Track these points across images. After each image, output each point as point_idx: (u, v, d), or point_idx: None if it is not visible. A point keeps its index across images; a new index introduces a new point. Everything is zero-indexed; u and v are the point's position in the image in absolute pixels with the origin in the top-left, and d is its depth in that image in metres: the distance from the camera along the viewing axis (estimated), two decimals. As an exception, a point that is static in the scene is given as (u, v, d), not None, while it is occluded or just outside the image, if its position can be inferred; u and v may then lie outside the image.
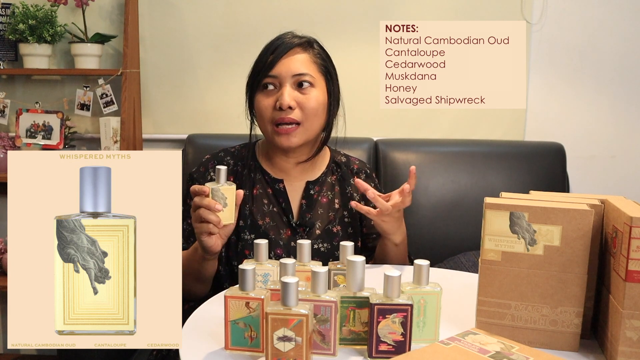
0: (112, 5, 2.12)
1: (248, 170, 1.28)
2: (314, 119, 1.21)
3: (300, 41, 1.22)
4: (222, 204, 1.02)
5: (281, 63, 1.19)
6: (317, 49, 1.26)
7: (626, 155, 2.17)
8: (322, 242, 1.25)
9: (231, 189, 1.03)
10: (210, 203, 1.01)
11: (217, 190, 1.02)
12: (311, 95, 1.20)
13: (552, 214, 0.81)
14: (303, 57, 1.21)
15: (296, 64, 1.20)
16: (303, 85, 1.20)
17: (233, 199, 1.04)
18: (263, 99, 1.21)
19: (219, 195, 1.02)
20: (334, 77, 1.27)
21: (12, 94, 2.14)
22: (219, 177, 1.02)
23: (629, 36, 2.09)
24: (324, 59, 1.25)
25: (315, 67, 1.22)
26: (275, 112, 1.19)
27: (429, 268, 0.84)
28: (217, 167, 1.02)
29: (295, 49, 1.21)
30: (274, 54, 1.20)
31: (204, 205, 1.01)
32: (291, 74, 1.19)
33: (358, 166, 1.38)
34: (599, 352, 0.84)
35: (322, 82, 1.23)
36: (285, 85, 1.19)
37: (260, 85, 1.21)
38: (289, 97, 1.18)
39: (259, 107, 1.21)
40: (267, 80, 1.20)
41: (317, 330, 0.78)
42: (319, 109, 1.22)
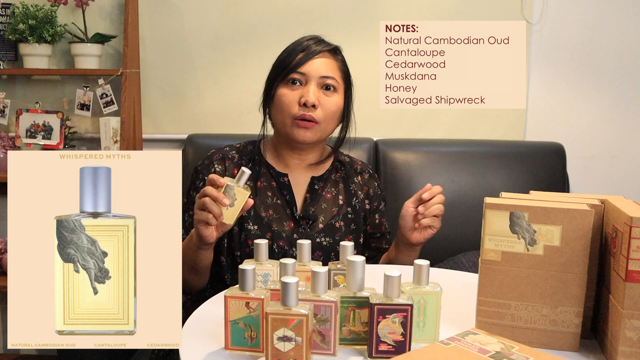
0: (112, 5, 2.12)
1: (253, 164, 1.30)
2: (330, 122, 1.26)
3: (329, 47, 1.27)
4: (230, 202, 1.03)
5: (311, 63, 1.23)
6: (341, 57, 1.31)
7: (626, 155, 2.17)
8: (325, 236, 1.26)
9: (244, 193, 1.04)
10: (219, 195, 1.02)
11: (232, 188, 1.03)
12: (333, 98, 1.25)
13: (552, 214, 0.81)
14: (330, 62, 1.26)
15: (324, 66, 1.24)
16: (327, 88, 1.24)
17: (242, 203, 1.04)
18: (288, 92, 1.24)
19: (231, 194, 1.03)
20: (352, 86, 1.32)
21: (12, 94, 2.14)
22: (240, 177, 1.03)
23: (629, 36, 2.09)
24: (346, 68, 1.31)
25: (340, 73, 1.27)
26: (299, 107, 1.22)
27: (429, 268, 0.84)
28: (242, 169, 1.03)
29: (325, 53, 1.26)
30: (305, 53, 1.24)
31: (213, 196, 1.02)
32: (319, 75, 1.23)
33: (361, 166, 1.40)
34: (599, 352, 0.84)
35: (343, 89, 1.28)
36: (311, 84, 1.23)
37: (286, 80, 1.24)
38: (314, 95, 1.21)
39: (282, 100, 1.24)
40: (295, 76, 1.23)
41: (317, 330, 0.78)
42: (337, 114, 1.27)
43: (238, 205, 1.04)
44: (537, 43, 2.10)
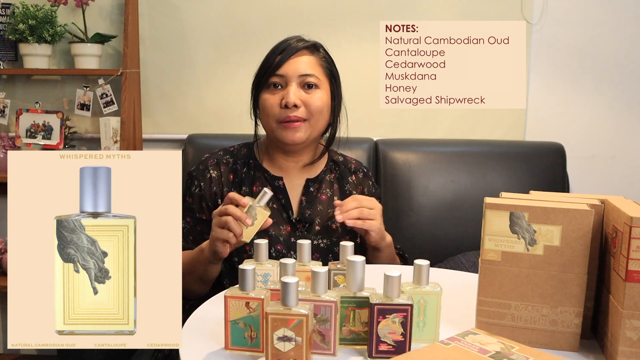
0: (112, 5, 2.12)
1: (247, 168, 1.29)
2: (319, 117, 1.24)
3: (306, 44, 1.26)
4: (251, 222, 1.05)
5: (288, 63, 1.22)
6: (323, 53, 1.29)
7: (626, 155, 2.17)
8: (322, 238, 1.26)
9: (265, 213, 1.06)
10: (242, 216, 1.04)
11: (254, 209, 1.05)
12: (316, 95, 1.23)
13: (552, 214, 0.81)
14: (309, 59, 1.25)
15: (302, 65, 1.23)
16: (308, 86, 1.23)
17: (261, 223, 1.07)
18: (269, 97, 1.23)
19: (252, 214, 1.05)
20: (338, 81, 1.30)
21: (12, 94, 2.14)
22: (262, 198, 1.06)
23: (629, 36, 2.09)
24: (329, 63, 1.28)
25: (321, 69, 1.26)
26: (281, 110, 1.22)
27: (429, 268, 0.84)
28: (265, 190, 1.06)
29: (302, 51, 1.24)
30: (282, 55, 1.23)
31: (236, 216, 1.03)
32: (297, 74, 1.22)
33: (355, 165, 1.39)
34: (599, 352, 0.84)
35: (327, 85, 1.27)
36: (291, 84, 1.22)
37: (267, 84, 1.24)
38: (294, 95, 1.21)
39: (265, 104, 1.23)
40: (274, 79, 1.23)
41: (317, 330, 0.78)
42: (324, 109, 1.25)
43: (257, 225, 1.06)
44: (537, 43, 2.10)
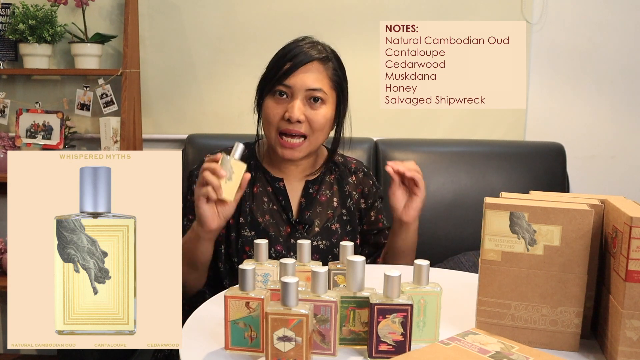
0: (112, 5, 2.12)
1: (248, 168, 1.29)
2: (319, 134, 1.23)
3: (319, 55, 1.22)
4: (228, 175, 1.05)
5: (297, 75, 1.19)
6: (334, 64, 1.25)
7: (626, 155, 2.17)
8: (321, 239, 1.26)
9: (240, 165, 1.07)
10: (216, 167, 1.04)
11: (227, 161, 1.06)
12: (320, 111, 1.21)
13: (552, 214, 0.81)
14: (319, 72, 1.21)
15: (311, 79, 1.20)
16: (315, 100, 1.21)
17: (239, 176, 1.07)
18: (273, 105, 1.21)
19: (227, 167, 1.05)
20: (345, 94, 1.28)
21: (12, 94, 2.14)
22: (235, 151, 1.07)
23: (629, 36, 2.09)
24: (339, 76, 1.25)
25: (329, 83, 1.23)
26: (282, 121, 1.20)
27: (429, 268, 0.84)
28: (237, 143, 1.06)
29: (314, 63, 1.21)
30: (292, 63, 1.19)
31: (211, 169, 1.04)
32: (305, 88, 1.19)
33: (355, 165, 1.39)
34: (599, 352, 0.84)
35: (333, 98, 1.24)
36: (297, 98, 1.19)
37: (273, 91, 1.22)
38: (298, 111, 1.18)
39: (267, 112, 1.22)
40: (281, 88, 1.20)
41: (317, 330, 0.78)
42: (326, 125, 1.24)
43: (236, 180, 1.06)
44: (537, 43, 2.10)
